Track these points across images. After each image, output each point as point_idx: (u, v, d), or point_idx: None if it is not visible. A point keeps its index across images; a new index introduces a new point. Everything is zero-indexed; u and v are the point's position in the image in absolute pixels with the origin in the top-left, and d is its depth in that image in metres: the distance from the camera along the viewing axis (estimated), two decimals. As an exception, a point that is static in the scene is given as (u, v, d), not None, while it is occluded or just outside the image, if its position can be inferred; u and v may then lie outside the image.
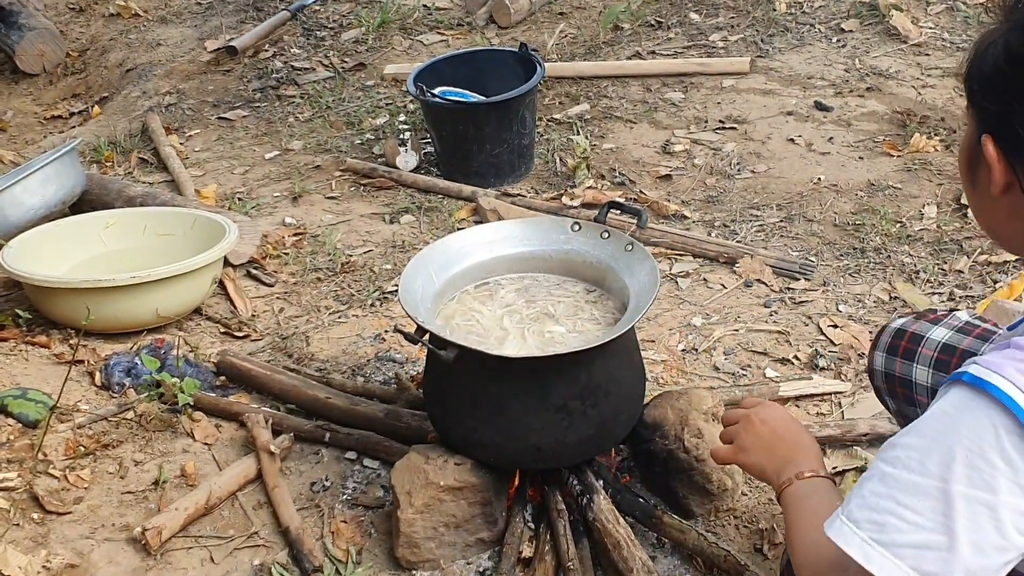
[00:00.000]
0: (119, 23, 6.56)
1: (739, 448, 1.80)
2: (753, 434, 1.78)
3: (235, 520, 2.50)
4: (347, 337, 3.24)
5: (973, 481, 1.25)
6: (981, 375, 1.28)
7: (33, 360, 3.03)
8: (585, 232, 2.55)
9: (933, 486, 1.27)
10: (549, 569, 2.26)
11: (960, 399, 1.30)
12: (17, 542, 2.38)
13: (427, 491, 2.28)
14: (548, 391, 2.21)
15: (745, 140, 4.35)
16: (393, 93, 5.15)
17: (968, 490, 1.25)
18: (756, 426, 1.78)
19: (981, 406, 1.26)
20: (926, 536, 1.26)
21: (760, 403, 1.85)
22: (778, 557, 2.31)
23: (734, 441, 1.82)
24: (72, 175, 3.79)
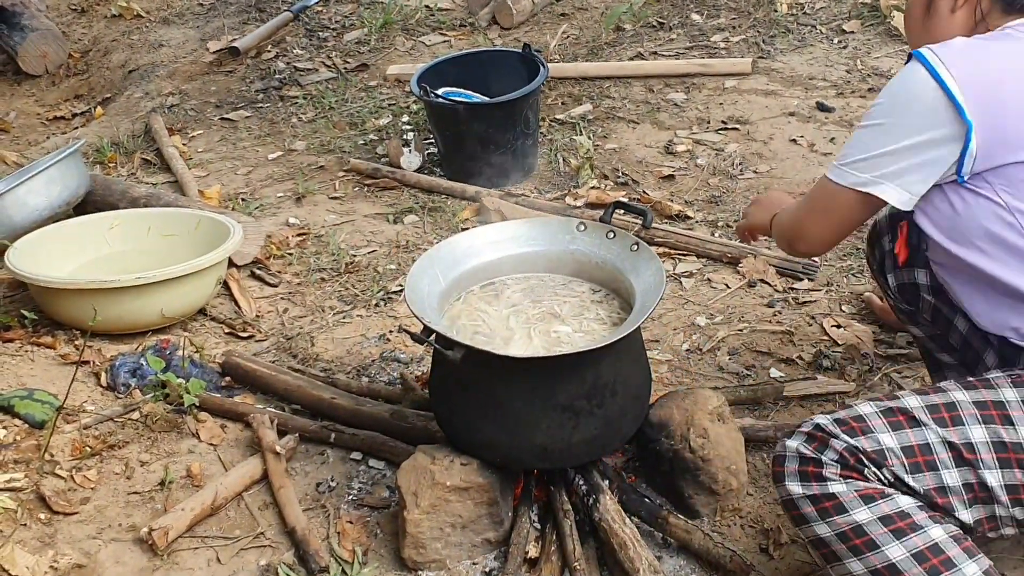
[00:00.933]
0: (121, 24, 6.56)
1: (748, 216, 2.52)
2: (751, 210, 2.51)
3: (241, 520, 2.50)
4: (352, 337, 3.24)
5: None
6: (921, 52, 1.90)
7: (39, 361, 3.04)
8: (591, 232, 2.55)
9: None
10: (555, 569, 2.26)
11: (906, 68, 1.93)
12: (24, 542, 2.39)
13: (433, 491, 2.28)
14: (554, 391, 2.22)
15: (747, 140, 4.36)
16: (396, 94, 5.16)
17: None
18: (753, 206, 2.52)
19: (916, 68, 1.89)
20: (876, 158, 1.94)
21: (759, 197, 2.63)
22: (783, 557, 2.32)
23: (744, 217, 2.54)
24: (76, 176, 3.80)
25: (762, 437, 2.61)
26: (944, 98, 1.84)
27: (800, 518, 1.89)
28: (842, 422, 1.89)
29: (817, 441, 1.88)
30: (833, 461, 1.85)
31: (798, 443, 1.90)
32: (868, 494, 1.82)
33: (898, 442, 1.85)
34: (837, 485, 1.83)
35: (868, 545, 1.81)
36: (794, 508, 1.90)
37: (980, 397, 1.89)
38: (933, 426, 1.86)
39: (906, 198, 1.94)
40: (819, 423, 1.90)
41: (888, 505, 1.81)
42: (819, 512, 1.85)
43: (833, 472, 1.84)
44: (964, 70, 1.85)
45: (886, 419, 1.88)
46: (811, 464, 1.86)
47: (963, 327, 2.20)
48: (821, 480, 1.85)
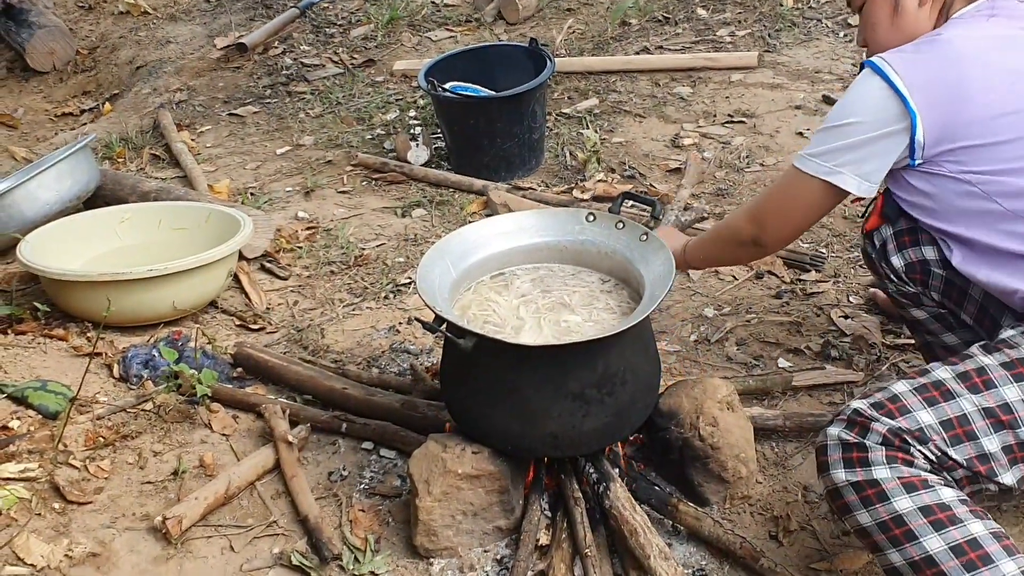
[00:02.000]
0: (129, 21, 6.59)
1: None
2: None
3: (254, 509, 2.52)
4: (361, 329, 3.26)
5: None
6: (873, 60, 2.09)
7: (51, 353, 3.06)
8: (600, 223, 2.56)
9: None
10: (566, 556, 2.28)
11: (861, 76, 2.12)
12: (39, 531, 2.41)
13: (445, 479, 2.29)
14: (565, 379, 2.23)
15: (754, 134, 4.37)
16: (403, 89, 5.18)
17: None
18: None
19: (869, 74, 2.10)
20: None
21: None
22: (793, 544, 2.34)
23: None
24: (87, 170, 3.82)
25: (771, 426, 2.62)
26: (893, 95, 2.06)
27: (844, 508, 1.92)
28: (879, 405, 1.92)
29: (858, 426, 1.91)
30: (877, 444, 1.88)
31: (839, 430, 1.93)
32: (911, 482, 1.84)
33: (936, 417, 1.89)
34: (882, 470, 1.86)
35: (907, 536, 1.84)
36: (839, 497, 1.92)
37: (1006, 358, 1.95)
38: (967, 395, 1.90)
39: (865, 187, 2.15)
40: (857, 407, 1.93)
41: (929, 496, 1.83)
42: (862, 500, 1.88)
43: (879, 455, 1.87)
44: (913, 69, 2.06)
45: (921, 396, 1.91)
46: (855, 450, 1.89)
47: (978, 294, 2.23)
48: (866, 464, 1.88)
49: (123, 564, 2.36)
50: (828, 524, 2.39)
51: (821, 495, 2.46)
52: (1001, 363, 1.94)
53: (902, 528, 1.84)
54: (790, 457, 2.58)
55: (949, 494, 1.84)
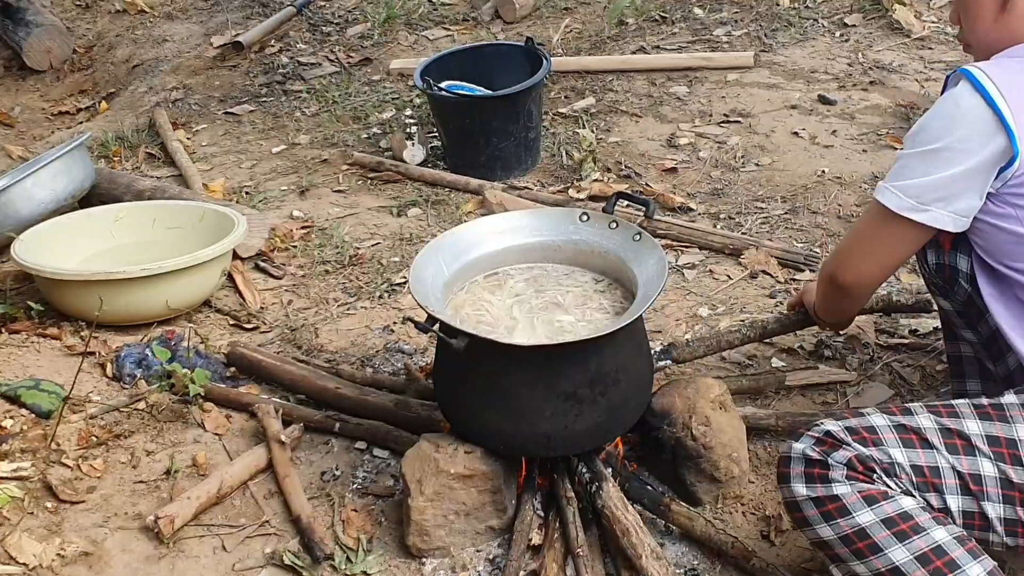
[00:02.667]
0: (125, 19, 6.58)
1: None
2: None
3: (246, 509, 2.52)
4: (356, 329, 3.26)
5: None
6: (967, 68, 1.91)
7: (45, 352, 3.06)
8: (594, 222, 2.56)
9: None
10: (558, 556, 2.28)
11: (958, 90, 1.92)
12: (31, 530, 2.41)
13: (437, 479, 2.30)
14: (558, 379, 2.23)
15: (750, 133, 4.37)
16: (399, 88, 5.18)
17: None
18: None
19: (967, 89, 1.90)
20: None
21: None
22: (784, 543, 2.34)
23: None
24: (82, 169, 3.82)
25: (764, 426, 2.62)
26: (995, 120, 1.86)
27: (803, 520, 1.92)
28: (853, 431, 1.90)
29: (826, 445, 1.89)
30: (840, 463, 1.86)
31: (805, 446, 1.91)
32: (871, 495, 1.83)
33: (908, 459, 1.86)
34: (841, 486, 1.85)
35: (871, 548, 1.83)
36: (797, 510, 1.92)
37: (994, 432, 1.89)
38: (944, 452, 1.87)
39: (961, 223, 1.97)
40: (830, 430, 1.91)
41: (891, 506, 1.82)
42: (823, 515, 1.87)
43: (839, 474, 1.86)
44: (1015, 93, 1.86)
45: (898, 435, 1.89)
46: (817, 466, 1.88)
47: (994, 322, 2.11)
48: (826, 481, 1.87)
49: (115, 563, 2.36)
50: (820, 524, 2.38)
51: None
52: (987, 435, 1.89)
53: (865, 541, 1.83)
54: (783, 457, 2.58)
55: (910, 502, 1.83)
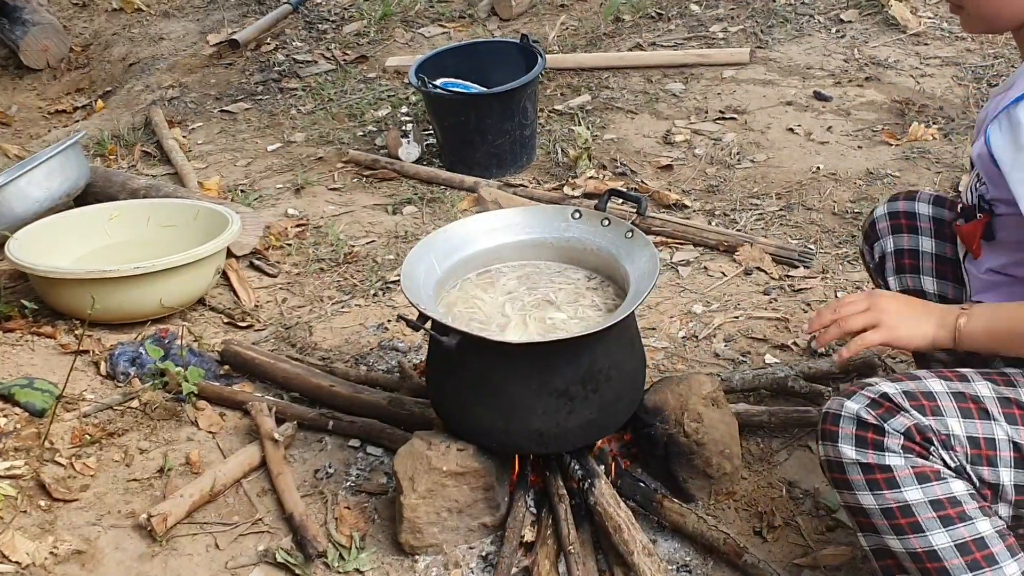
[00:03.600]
0: (122, 18, 6.58)
1: (889, 328, 1.86)
2: (892, 311, 1.87)
3: (240, 507, 2.52)
4: (350, 326, 3.26)
5: None
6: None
7: (39, 350, 3.06)
8: (586, 220, 2.56)
9: None
10: (551, 553, 2.28)
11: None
12: (24, 529, 2.41)
13: (430, 476, 2.30)
14: (550, 376, 2.23)
15: (745, 130, 4.37)
16: (395, 85, 5.18)
17: None
18: (887, 303, 1.89)
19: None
20: None
21: (861, 296, 1.92)
22: (777, 540, 2.34)
23: (875, 327, 1.86)
24: (76, 168, 3.82)
25: (756, 422, 2.62)
26: None
27: (844, 483, 1.81)
28: (911, 395, 1.78)
29: (882, 409, 1.77)
30: (897, 432, 1.76)
31: (859, 407, 1.78)
32: (924, 473, 1.75)
33: (965, 430, 1.77)
34: (896, 457, 1.76)
35: (913, 527, 1.77)
36: (840, 471, 1.81)
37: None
38: (1003, 423, 1.79)
39: None
40: (886, 392, 1.78)
41: (941, 488, 1.75)
42: (868, 482, 1.78)
43: (895, 443, 1.76)
44: None
45: (957, 403, 1.79)
46: (871, 431, 1.77)
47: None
48: (880, 449, 1.76)
49: (108, 561, 2.36)
50: (812, 520, 2.39)
51: (806, 491, 2.46)
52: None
53: (909, 519, 1.76)
54: (775, 453, 2.59)
55: (960, 487, 1.76)
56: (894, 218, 2.33)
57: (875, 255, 2.37)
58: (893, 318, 1.87)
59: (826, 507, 2.41)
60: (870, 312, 1.88)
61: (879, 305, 1.88)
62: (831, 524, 2.37)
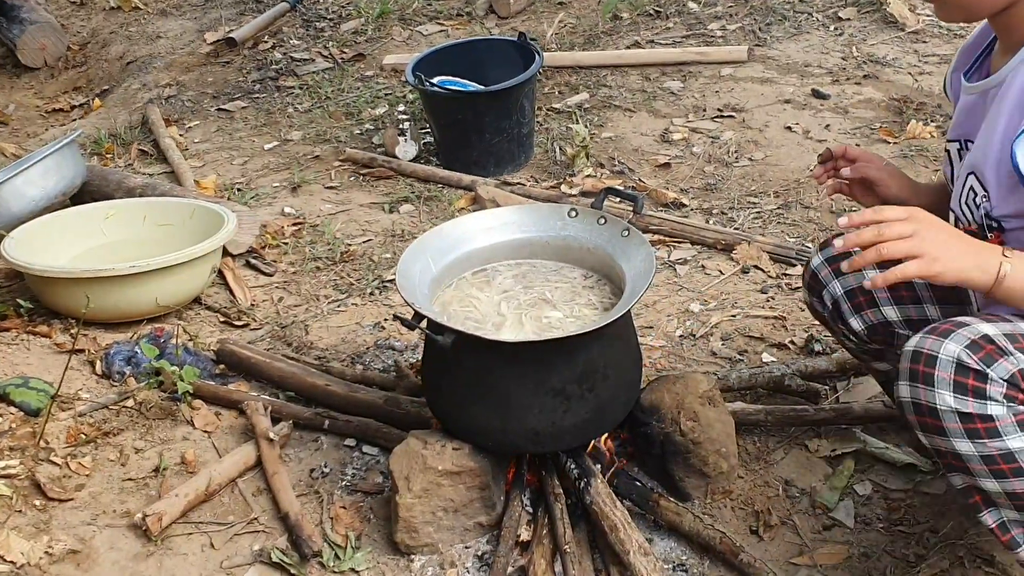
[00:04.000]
0: (119, 16, 6.58)
1: (930, 259, 1.67)
2: (936, 241, 1.69)
3: (235, 506, 2.52)
4: (346, 325, 3.26)
5: None
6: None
7: (35, 349, 3.06)
8: (582, 218, 2.56)
9: None
10: (547, 552, 2.28)
11: None
12: (19, 528, 2.40)
13: (425, 476, 2.29)
14: (545, 375, 2.23)
15: (743, 128, 4.37)
16: (392, 83, 5.17)
17: None
18: (932, 231, 1.69)
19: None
20: None
21: (905, 214, 1.72)
22: (773, 538, 2.33)
23: (917, 257, 1.67)
24: (73, 166, 3.81)
25: (753, 420, 2.62)
26: None
27: (937, 429, 1.71)
28: (1013, 338, 1.68)
29: (984, 352, 1.66)
30: (1001, 379, 1.65)
31: (959, 348, 1.67)
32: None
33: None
34: (998, 407, 1.66)
35: (1015, 472, 1.69)
36: (933, 416, 1.70)
37: None
38: None
39: None
40: (988, 334, 1.68)
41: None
42: (967, 431, 1.68)
43: (998, 391, 1.65)
44: None
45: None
46: (973, 376, 1.66)
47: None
48: (981, 397, 1.66)
49: (103, 561, 2.35)
50: (808, 519, 2.38)
51: (802, 490, 2.46)
52: None
53: (1012, 464, 1.68)
54: (772, 452, 2.58)
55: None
56: (832, 263, 2.29)
57: (827, 302, 2.32)
58: (937, 249, 1.68)
59: (823, 506, 2.41)
60: (914, 239, 1.67)
61: (925, 233, 1.69)
62: (827, 523, 2.37)
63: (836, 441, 2.60)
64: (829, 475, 2.50)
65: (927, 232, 1.69)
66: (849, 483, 2.47)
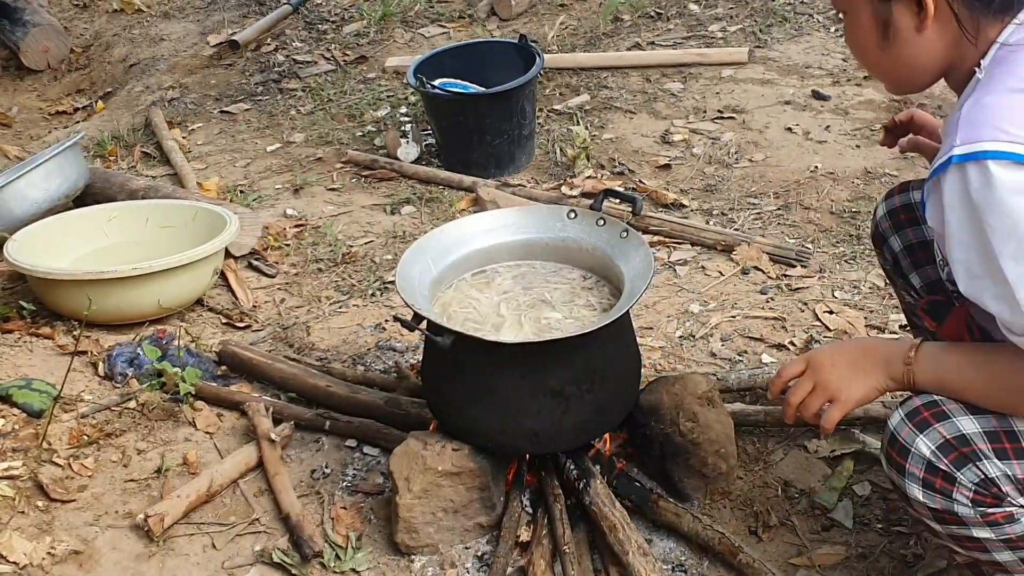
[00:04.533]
0: (122, 19, 6.59)
1: (840, 400, 1.81)
2: (833, 379, 1.82)
3: (236, 507, 2.53)
4: (348, 327, 3.27)
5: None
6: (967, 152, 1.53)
7: (37, 351, 3.07)
8: (581, 220, 2.57)
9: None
10: (546, 552, 2.29)
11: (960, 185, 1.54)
12: (22, 529, 2.42)
13: (425, 476, 2.30)
14: (544, 376, 2.24)
15: (743, 129, 4.38)
16: (394, 85, 5.18)
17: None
18: (825, 372, 1.83)
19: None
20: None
21: (802, 360, 1.88)
22: (772, 539, 2.34)
23: (830, 401, 1.82)
24: (75, 169, 3.82)
25: (752, 421, 2.63)
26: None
27: (910, 504, 1.75)
28: (995, 436, 1.66)
29: (955, 455, 1.66)
30: (970, 483, 1.66)
31: (930, 449, 1.68)
32: (994, 520, 1.68)
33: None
34: (965, 508, 1.67)
35: (982, 550, 1.73)
36: (905, 500, 1.75)
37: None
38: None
39: None
40: (965, 434, 1.66)
41: (1013, 528, 1.68)
42: (936, 517, 1.72)
43: (964, 495, 1.67)
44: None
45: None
46: (941, 477, 1.68)
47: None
48: (948, 498, 1.68)
49: (105, 562, 2.37)
50: (807, 520, 2.39)
51: (801, 491, 2.47)
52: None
53: (977, 544, 1.72)
54: (771, 452, 2.59)
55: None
56: (894, 216, 2.29)
57: (887, 257, 2.33)
58: (836, 382, 1.81)
59: (821, 507, 2.41)
60: (817, 390, 1.83)
61: (822, 377, 1.83)
62: (826, 524, 2.38)
63: (835, 442, 2.60)
64: (828, 476, 2.51)
65: (824, 375, 1.83)
66: (848, 484, 2.48)
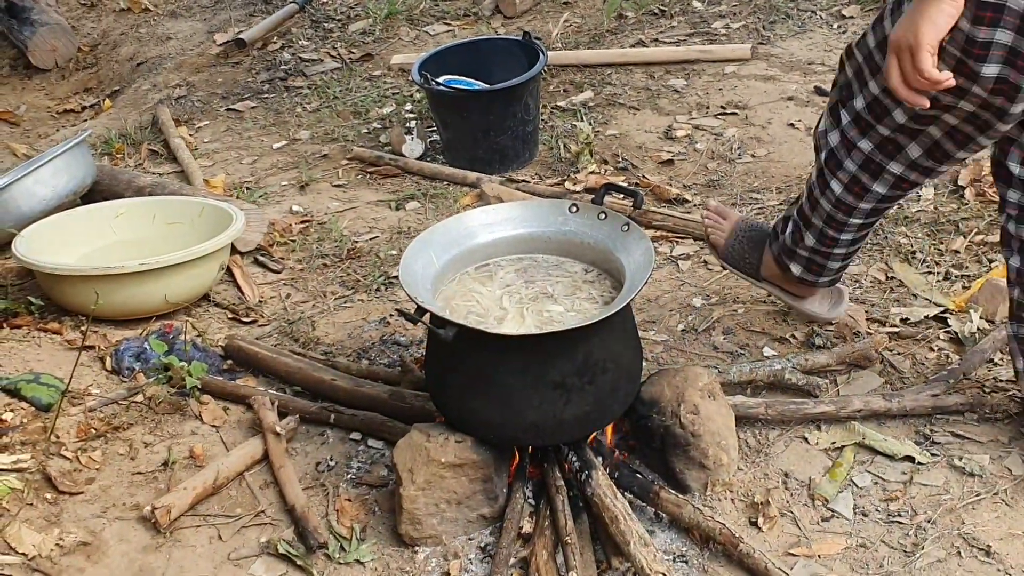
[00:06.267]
0: (130, 17, 6.62)
1: (919, 44, 1.88)
2: (901, 33, 1.91)
3: (242, 499, 2.55)
4: (353, 321, 3.29)
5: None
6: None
7: (46, 346, 3.10)
8: (583, 213, 2.59)
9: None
10: (548, 544, 2.31)
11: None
12: (31, 521, 2.44)
13: (428, 468, 2.33)
14: (546, 369, 2.26)
15: (746, 125, 4.39)
16: (400, 83, 5.20)
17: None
18: (898, 37, 1.92)
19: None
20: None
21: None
22: (772, 530, 2.36)
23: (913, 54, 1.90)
24: (83, 166, 3.85)
25: (753, 414, 2.64)
26: None
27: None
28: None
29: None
30: None
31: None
32: None
33: None
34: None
35: None
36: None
37: None
38: None
39: None
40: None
41: None
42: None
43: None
44: None
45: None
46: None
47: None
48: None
49: (113, 553, 2.40)
50: (808, 511, 2.41)
51: (801, 482, 2.49)
52: None
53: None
54: (771, 444, 2.61)
55: None
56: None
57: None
58: (902, 35, 1.90)
59: (822, 497, 2.43)
60: (894, 56, 1.93)
61: (891, 44, 1.94)
62: (826, 514, 2.40)
63: (836, 434, 2.62)
64: (828, 467, 2.53)
65: (895, 39, 1.93)
66: (848, 475, 2.49)
